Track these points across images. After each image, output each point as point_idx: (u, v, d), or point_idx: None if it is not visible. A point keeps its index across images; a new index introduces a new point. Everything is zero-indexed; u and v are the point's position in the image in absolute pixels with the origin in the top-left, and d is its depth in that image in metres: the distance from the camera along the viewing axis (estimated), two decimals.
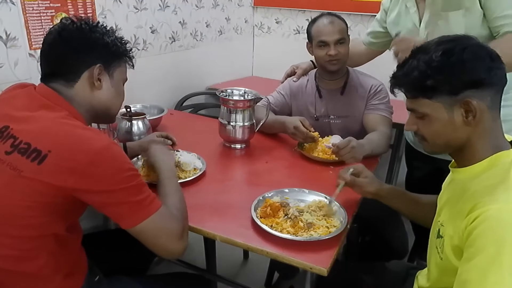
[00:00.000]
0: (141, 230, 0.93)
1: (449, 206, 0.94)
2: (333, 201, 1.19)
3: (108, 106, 1.08)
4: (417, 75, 0.87)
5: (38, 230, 0.90)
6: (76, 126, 0.92)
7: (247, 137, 1.65)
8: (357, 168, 1.22)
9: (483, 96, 0.85)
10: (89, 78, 1.01)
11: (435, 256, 0.95)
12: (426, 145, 0.96)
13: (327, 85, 1.76)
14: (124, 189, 0.91)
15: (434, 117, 0.89)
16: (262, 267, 1.97)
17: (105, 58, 1.03)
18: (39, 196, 0.88)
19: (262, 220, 1.13)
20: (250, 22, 2.97)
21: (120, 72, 1.09)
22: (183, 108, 2.34)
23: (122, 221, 0.93)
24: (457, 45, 0.86)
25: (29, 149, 0.88)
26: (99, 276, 1.09)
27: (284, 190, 1.28)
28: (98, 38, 1.02)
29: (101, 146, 0.89)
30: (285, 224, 1.11)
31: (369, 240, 1.63)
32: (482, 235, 0.77)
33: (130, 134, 1.62)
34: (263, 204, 1.19)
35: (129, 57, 1.12)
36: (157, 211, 0.95)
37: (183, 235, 1.00)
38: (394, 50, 1.33)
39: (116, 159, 0.91)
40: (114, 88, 1.07)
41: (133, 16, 1.98)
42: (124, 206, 0.92)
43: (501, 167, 0.85)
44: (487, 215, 0.77)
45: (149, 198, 0.95)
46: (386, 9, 1.62)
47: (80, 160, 0.86)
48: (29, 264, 0.91)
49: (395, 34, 1.57)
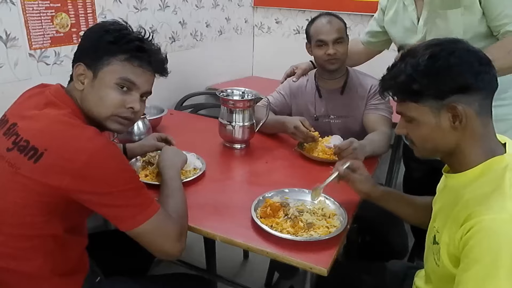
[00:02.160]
0: (139, 233, 0.93)
1: (444, 212, 0.93)
2: (320, 187, 1.18)
3: (90, 109, 0.98)
4: (404, 79, 0.87)
5: (34, 230, 0.90)
6: (75, 125, 0.91)
7: (247, 137, 1.65)
8: (354, 164, 1.20)
9: (470, 101, 0.84)
10: (76, 76, 0.99)
11: (431, 262, 0.94)
12: (416, 149, 0.96)
13: (327, 85, 1.76)
14: (122, 191, 0.90)
15: (421, 121, 0.88)
16: (262, 267, 1.97)
17: (89, 56, 0.97)
18: (35, 195, 0.87)
19: (262, 220, 1.13)
20: (250, 22, 2.97)
21: (109, 72, 0.95)
22: (183, 108, 2.34)
23: (120, 224, 0.92)
24: (444, 49, 0.85)
25: (28, 146, 0.88)
26: (100, 277, 1.09)
27: (284, 190, 1.28)
28: (86, 34, 1.01)
29: (97, 146, 0.88)
30: (285, 224, 1.11)
31: (369, 240, 1.63)
32: (477, 246, 0.77)
33: (130, 134, 1.62)
34: (263, 204, 1.19)
35: (131, 55, 0.96)
36: (155, 213, 0.94)
37: (181, 237, 0.99)
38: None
39: (113, 160, 0.90)
40: (95, 91, 0.96)
41: (133, 16, 1.98)
42: (123, 208, 0.91)
43: (494, 174, 0.84)
44: (481, 226, 0.77)
45: (147, 200, 0.94)
46: (384, 8, 1.62)
47: (75, 160, 0.85)
48: (26, 263, 0.91)
49: (399, 46, 1.56)
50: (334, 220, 1.15)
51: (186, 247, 1.01)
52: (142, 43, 0.98)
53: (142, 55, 0.98)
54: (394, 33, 1.57)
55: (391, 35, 1.60)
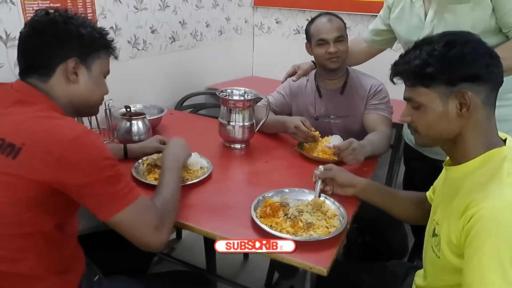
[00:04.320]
0: (117, 222, 0.91)
1: (444, 204, 0.95)
2: (316, 195, 1.24)
3: (87, 99, 1.03)
4: (418, 63, 0.90)
5: (23, 228, 0.88)
6: (51, 117, 0.90)
7: (247, 137, 1.65)
8: (328, 167, 1.29)
9: (478, 91, 0.87)
10: (64, 72, 0.98)
11: (430, 255, 0.95)
12: (418, 137, 0.98)
13: (327, 85, 1.76)
14: (100, 179, 0.88)
15: (429, 107, 0.91)
16: (262, 267, 1.97)
17: (81, 51, 0.99)
18: (20, 191, 0.86)
19: (262, 220, 1.13)
20: (250, 22, 2.97)
21: (100, 65, 1.04)
22: (183, 108, 2.34)
23: (99, 213, 0.90)
24: (460, 38, 0.89)
25: (4, 144, 0.86)
26: (98, 275, 1.08)
27: (284, 190, 1.28)
28: (73, 30, 0.98)
29: (75, 135, 0.86)
30: (285, 224, 1.11)
31: (369, 240, 1.63)
32: (479, 235, 0.78)
33: (130, 134, 1.62)
34: (263, 204, 1.19)
35: (111, 48, 1.07)
36: (133, 201, 0.92)
37: (161, 228, 0.96)
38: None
39: (92, 148, 0.88)
40: (93, 81, 1.03)
41: (133, 16, 1.98)
42: (101, 197, 0.89)
43: (494, 164, 0.87)
44: (481, 214, 0.78)
45: (126, 188, 0.92)
46: (390, 5, 1.61)
47: (54, 151, 0.84)
48: (18, 264, 0.89)
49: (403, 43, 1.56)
50: (334, 220, 1.15)
51: (186, 247, 1.01)
52: (108, 36, 1.07)
53: (114, 48, 1.09)
54: (400, 30, 1.56)
55: (397, 32, 1.59)
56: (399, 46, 1.70)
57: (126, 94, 1.95)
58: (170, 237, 2.31)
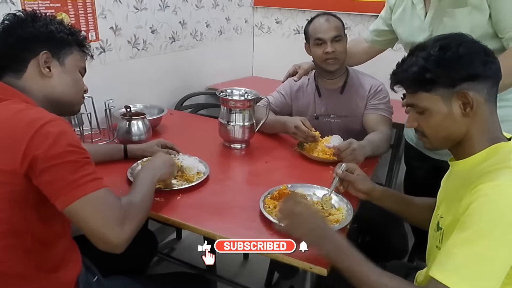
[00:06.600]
0: (74, 211, 0.84)
1: (448, 197, 0.95)
2: (330, 193, 1.23)
3: (61, 94, 1.02)
4: (417, 70, 0.91)
5: (8, 224, 0.87)
6: (21, 108, 0.89)
7: (247, 137, 1.65)
8: (351, 166, 1.24)
9: (479, 88, 0.88)
10: (37, 67, 0.98)
11: (434, 252, 0.95)
12: (427, 141, 0.98)
13: (326, 84, 1.76)
14: (61, 163, 0.83)
15: (433, 111, 0.91)
16: (262, 267, 1.97)
17: (51, 45, 1.00)
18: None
19: (268, 210, 1.15)
20: (250, 22, 2.97)
21: (73, 60, 1.05)
22: (183, 108, 2.34)
23: (56, 201, 0.84)
24: (452, 41, 0.90)
25: None
26: (97, 276, 1.08)
27: (295, 185, 1.29)
28: (41, 26, 1.00)
29: (42, 122, 0.85)
30: None
31: (369, 240, 1.63)
32: (479, 208, 0.79)
33: (129, 134, 1.62)
34: (278, 189, 1.23)
35: (84, 46, 1.08)
36: (95, 191, 0.85)
37: (123, 224, 0.88)
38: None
39: (60, 134, 0.85)
40: (67, 75, 1.03)
41: (133, 16, 1.98)
42: (59, 182, 0.83)
43: (500, 156, 0.88)
44: (483, 191, 0.80)
45: (89, 176, 0.86)
46: (392, 6, 1.61)
47: (21, 139, 0.83)
48: (7, 264, 0.88)
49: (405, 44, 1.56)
50: (334, 216, 1.15)
51: (186, 247, 1.00)
52: (80, 34, 1.09)
53: (86, 46, 1.10)
54: (401, 31, 1.56)
55: (398, 33, 1.59)
56: (399, 46, 1.70)
57: (126, 94, 1.95)
58: (170, 237, 2.35)
